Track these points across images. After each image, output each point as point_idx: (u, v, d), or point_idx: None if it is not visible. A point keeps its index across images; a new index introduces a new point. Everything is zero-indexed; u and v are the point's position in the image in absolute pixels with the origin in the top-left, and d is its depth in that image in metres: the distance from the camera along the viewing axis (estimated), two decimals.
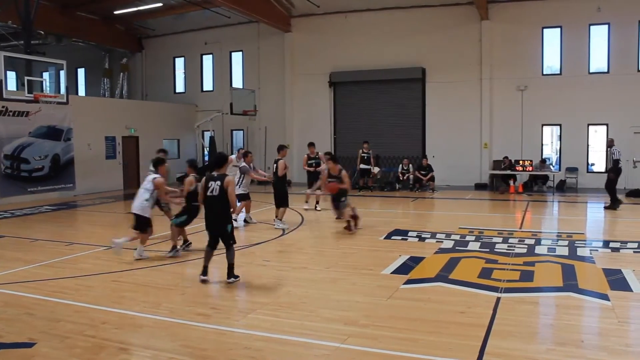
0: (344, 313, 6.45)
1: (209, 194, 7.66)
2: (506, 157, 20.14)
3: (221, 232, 7.77)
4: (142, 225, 9.62)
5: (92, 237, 11.98)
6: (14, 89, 21.98)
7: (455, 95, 22.09)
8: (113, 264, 9.29)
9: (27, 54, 18.70)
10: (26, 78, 17.69)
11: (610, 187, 15.30)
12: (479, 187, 21.29)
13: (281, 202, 12.82)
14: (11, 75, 24.95)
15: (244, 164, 13.46)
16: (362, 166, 21.25)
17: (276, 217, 12.78)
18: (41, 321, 6.36)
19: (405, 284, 7.71)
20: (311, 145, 16.92)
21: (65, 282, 8.21)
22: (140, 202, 9.67)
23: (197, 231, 10.57)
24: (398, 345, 5.41)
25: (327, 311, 6.56)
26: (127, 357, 5.40)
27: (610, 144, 15.87)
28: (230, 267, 7.82)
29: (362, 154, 21.18)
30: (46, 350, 5.47)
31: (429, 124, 22.77)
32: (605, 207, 15.29)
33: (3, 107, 17.90)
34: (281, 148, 13.45)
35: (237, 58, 26.83)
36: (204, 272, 7.92)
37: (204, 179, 7.81)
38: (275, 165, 13.09)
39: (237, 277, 7.84)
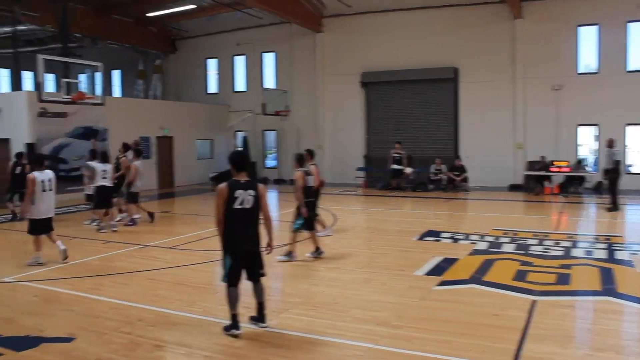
0: (376, 314, 6.44)
1: (237, 206, 5.86)
2: (543, 157, 19.81)
3: (257, 253, 6.07)
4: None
5: (128, 235, 12.17)
6: (53, 90, 22.52)
7: (489, 95, 21.83)
8: (148, 262, 9.44)
9: (65, 57, 19.11)
10: (64, 80, 18.08)
11: (612, 188, 14.99)
12: (513, 188, 20.99)
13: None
14: (50, 78, 25.54)
15: None
16: (395, 167, 21.18)
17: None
18: (80, 317, 6.50)
19: (438, 285, 7.66)
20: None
21: (102, 279, 8.39)
22: None
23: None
24: (431, 347, 5.38)
25: (360, 312, 6.55)
26: (161, 354, 5.49)
27: (609, 144, 15.34)
28: (262, 306, 6.11)
29: (394, 155, 21.11)
30: (84, 345, 5.60)
31: (461, 124, 22.56)
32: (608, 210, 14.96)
33: (42, 108, 18.34)
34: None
35: (269, 59, 26.97)
36: (238, 323, 5.86)
37: (224, 185, 5.95)
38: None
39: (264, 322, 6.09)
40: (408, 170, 21.24)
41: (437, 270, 8.49)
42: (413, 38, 22.81)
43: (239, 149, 25.51)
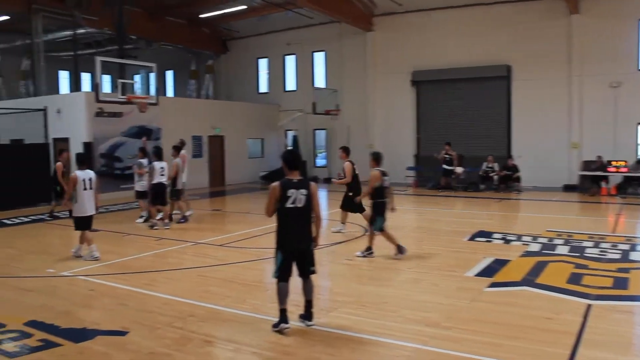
0: (425, 314, 6.38)
1: (289, 205, 5.92)
2: (600, 157, 19.22)
3: (308, 251, 6.11)
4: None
5: (179, 233, 12.42)
6: (109, 91, 23.20)
7: (543, 93, 21.28)
8: (200, 259, 9.63)
9: (121, 58, 19.66)
10: (120, 81, 18.60)
11: None
12: (568, 188, 20.43)
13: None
14: (106, 79, 26.34)
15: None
16: (445, 167, 20.96)
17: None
18: (133, 311, 6.69)
19: (489, 286, 7.54)
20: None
21: (155, 275, 8.59)
22: None
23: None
24: (481, 350, 5.30)
25: (409, 312, 6.51)
26: (211, 349, 5.59)
27: None
28: (310, 304, 6.16)
29: (445, 156, 20.88)
30: (137, 339, 5.75)
31: (514, 123, 22.09)
32: None
33: (99, 108, 18.94)
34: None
35: (319, 58, 27.07)
36: (286, 318, 5.97)
37: (277, 184, 5.97)
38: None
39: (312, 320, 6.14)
40: (459, 170, 20.96)
41: (488, 272, 8.36)
42: (465, 36, 22.49)
43: (290, 148, 25.71)
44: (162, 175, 13.04)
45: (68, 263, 9.41)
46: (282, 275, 5.98)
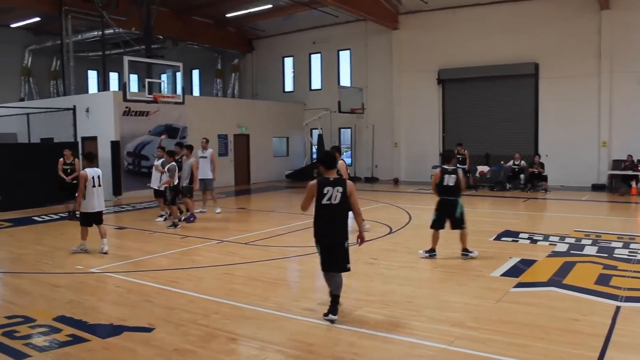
0: (451, 314, 6.34)
1: (325, 202, 6.19)
2: (630, 156, 18.87)
3: (340, 245, 6.31)
4: None
5: (205, 231, 12.51)
6: (136, 90, 23.49)
7: (571, 90, 20.97)
8: (224, 257, 9.69)
9: (148, 58, 19.89)
10: (147, 80, 18.82)
11: None
12: (597, 188, 20.10)
13: None
14: (133, 78, 26.68)
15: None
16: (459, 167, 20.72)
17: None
18: (159, 308, 6.76)
19: (515, 287, 7.46)
20: None
21: (180, 272, 8.67)
22: None
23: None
24: (507, 351, 5.24)
25: (434, 311, 6.48)
26: (236, 347, 5.62)
27: None
28: (336, 299, 6.29)
29: (457, 156, 20.62)
30: (163, 335, 5.82)
31: (542, 122, 21.82)
32: None
33: (127, 107, 19.18)
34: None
35: (345, 56, 27.06)
36: (334, 309, 6.22)
37: (314, 182, 6.27)
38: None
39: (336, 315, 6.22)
40: (485, 169, 20.75)
41: (514, 272, 8.27)
42: (491, 33, 22.27)
43: (315, 146, 25.77)
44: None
45: (95, 260, 9.56)
46: (323, 266, 6.36)
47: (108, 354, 5.40)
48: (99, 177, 10.03)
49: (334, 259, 6.30)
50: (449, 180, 9.30)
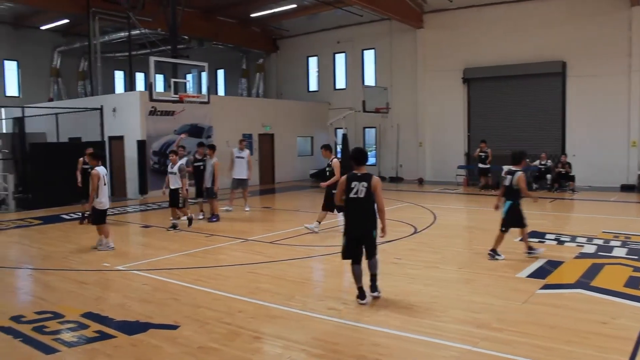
0: (475, 315, 6.28)
1: (352, 195, 6.66)
2: None
3: (367, 237, 6.75)
4: None
5: (230, 229, 12.59)
6: (162, 90, 23.73)
7: (600, 89, 20.62)
8: (249, 255, 9.73)
9: (174, 58, 20.07)
10: (173, 80, 18.99)
11: None
12: (626, 188, 19.74)
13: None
14: (159, 78, 26.95)
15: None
16: (480, 165, 20.56)
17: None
18: (184, 306, 6.82)
19: (541, 288, 7.36)
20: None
21: (206, 271, 8.74)
22: None
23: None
24: (533, 353, 5.17)
25: (459, 312, 6.43)
26: (260, 345, 5.64)
27: None
28: (374, 278, 6.94)
29: (480, 154, 20.46)
30: (188, 333, 5.87)
31: (569, 121, 21.50)
32: None
33: (153, 107, 19.38)
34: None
35: (369, 56, 27.00)
36: (362, 294, 6.82)
37: (344, 177, 6.78)
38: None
39: (377, 291, 6.94)
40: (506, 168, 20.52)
41: (540, 273, 8.16)
42: (517, 31, 22.02)
43: (339, 146, 25.74)
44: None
45: (122, 258, 9.69)
46: (348, 256, 6.81)
47: (134, 350, 5.46)
48: (104, 176, 10.36)
49: (361, 250, 6.76)
50: (505, 180, 9.42)
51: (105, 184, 10.28)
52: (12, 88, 27.24)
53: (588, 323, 6.01)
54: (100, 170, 10.24)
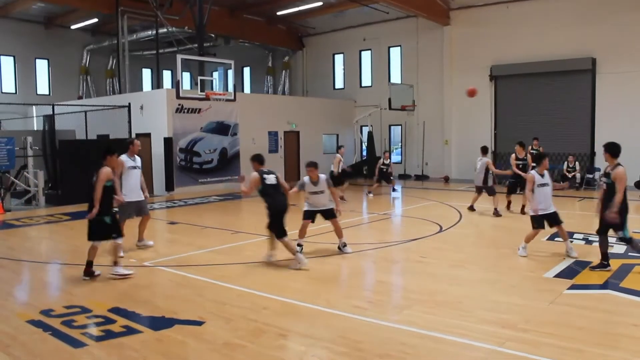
0: (502, 315, 6.21)
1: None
2: None
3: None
4: None
5: (256, 226, 12.61)
6: (188, 88, 23.93)
7: (631, 87, 20.17)
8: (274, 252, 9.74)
9: (200, 56, 20.22)
10: (199, 78, 19.13)
11: None
12: None
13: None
14: (185, 76, 27.17)
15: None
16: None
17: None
18: (209, 302, 6.87)
19: (569, 289, 7.25)
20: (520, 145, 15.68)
21: (231, 267, 8.80)
22: None
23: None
24: (560, 355, 5.09)
25: (485, 312, 6.36)
26: (285, 342, 5.66)
27: None
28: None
29: (531, 151, 20.05)
30: (213, 329, 5.91)
31: (598, 119, 21.11)
32: None
33: (179, 104, 19.56)
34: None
35: (395, 53, 26.87)
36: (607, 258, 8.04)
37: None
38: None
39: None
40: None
41: (568, 273, 8.04)
42: (545, 28, 21.68)
43: (365, 143, 25.68)
44: None
45: (148, 254, 9.80)
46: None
47: (160, 345, 5.52)
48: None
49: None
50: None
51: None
52: (43, 86, 27.72)
53: (618, 325, 5.90)
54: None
